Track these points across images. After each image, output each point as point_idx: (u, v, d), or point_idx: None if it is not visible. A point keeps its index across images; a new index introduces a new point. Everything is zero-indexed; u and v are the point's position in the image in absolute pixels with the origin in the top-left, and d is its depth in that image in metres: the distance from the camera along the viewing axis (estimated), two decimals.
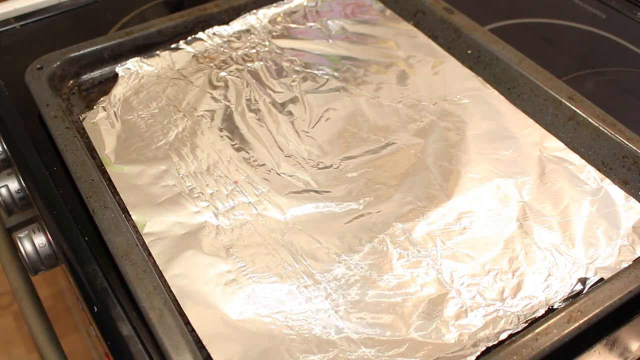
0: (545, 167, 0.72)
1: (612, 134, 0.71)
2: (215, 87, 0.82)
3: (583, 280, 0.61)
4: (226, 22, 0.90)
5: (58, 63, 0.80)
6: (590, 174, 0.71)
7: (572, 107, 0.75)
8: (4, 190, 0.73)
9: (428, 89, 0.82)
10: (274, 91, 0.82)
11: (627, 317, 0.60)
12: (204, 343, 0.56)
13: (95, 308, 0.60)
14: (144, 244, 0.64)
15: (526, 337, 0.54)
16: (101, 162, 0.71)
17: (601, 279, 0.61)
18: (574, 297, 0.60)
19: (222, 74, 0.84)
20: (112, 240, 0.60)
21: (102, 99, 0.80)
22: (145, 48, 0.86)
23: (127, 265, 0.58)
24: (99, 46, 0.83)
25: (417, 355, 0.56)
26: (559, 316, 0.56)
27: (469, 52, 0.85)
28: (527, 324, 0.57)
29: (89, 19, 0.97)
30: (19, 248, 0.69)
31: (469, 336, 0.57)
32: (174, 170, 0.71)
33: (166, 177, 0.71)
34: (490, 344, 0.56)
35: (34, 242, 0.69)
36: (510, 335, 0.56)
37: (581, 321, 0.55)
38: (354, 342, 0.57)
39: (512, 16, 1.01)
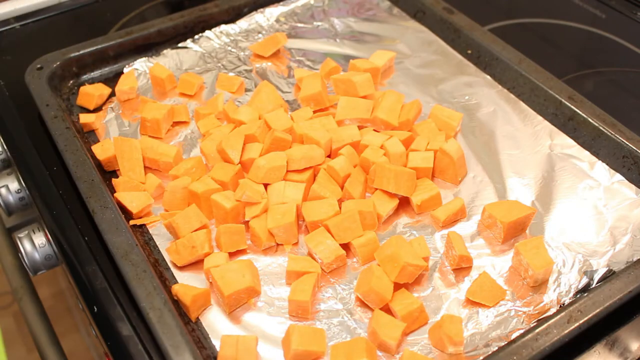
0: (555, 164, 0.72)
1: (612, 134, 0.71)
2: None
3: (591, 276, 0.61)
4: (226, 22, 0.90)
5: (58, 63, 0.80)
6: (601, 170, 0.71)
7: (572, 107, 0.75)
8: (4, 190, 0.73)
9: (436, 88, 0.82)
10: (282, 91, 0.82)
11: (627, 317, 0.60)
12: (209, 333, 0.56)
13: (95, 308, 0.60)
14: (144, 244, 0.64)
15: (526, 337, 0.54)
16: (101, 162, 0.71)
17: (611, 272, 0.61)
18: (582, 292, 0.60)
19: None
20: (112, 240, 0.60)
21: (110, 99, 0.80)
22: (145, 48, 0.86)
23: (127, 265, 0.58)
24: (99, 46, 0.83)
25: (429, 354, 0.56)
26: (559, 316, 0.56)
27: (469, 52, 0.85)
28: (538, 323, 0.57)
29: (89, 19, 0.97)
30: (19, 248, 0.69)
31: (480, 336, 0.57)
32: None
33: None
34: (502, 344, 0.56)
35: (34, 242, 0.69)
36: (518, 335, 0.56)
37: (581, 321, 0.55)
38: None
39: (512, 16, 1.01)
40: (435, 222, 0.67)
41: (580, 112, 0.74)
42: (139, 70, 0.84)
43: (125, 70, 0.83)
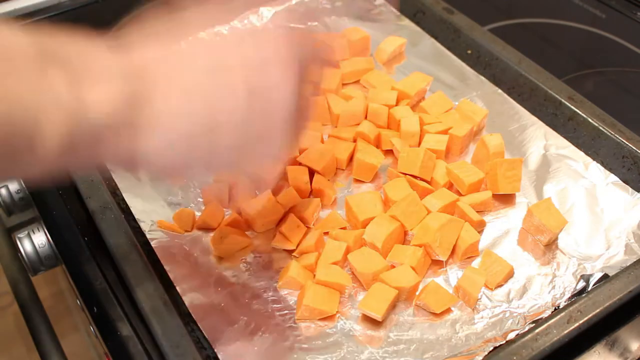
0: (550, 165, 0.72)
1: (612, 134, 0.71)
2: None
3: (587, 280, 0.61)
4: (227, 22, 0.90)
5: None
6: (595, 170, 0.71)
7: (572, 107, 0.75)
8: (4, 190, 0.73)
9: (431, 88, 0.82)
10: None
11: (627, 317, 0.60)
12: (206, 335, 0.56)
13: (95, 308, 0.60)
14: (144, 244, 0.64)
15: (526, 337, 0.54)
16: None
17: (605, 277, 0.60)
18: (579, 296, 0.60)
19: None
20: (112, 241, 0.60)
21: None
22: None
23: (127, 265, 0.58)
24: None
25: (424, 356, 0.56)
26: (559, 316, 0.56)
27: (469, 52, 0.85)
28: (533, 325, 0.57)
29: (89, 19, 0.97)
30: (19, 248, 0.68)
31: (476, 337, 0.57)
32: None
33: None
34: (497, 345, 0.56)
35: (34, 242, 0.68)
36: (517, 335, 0.56)
37: (581, 321, 0.55)
38: (361, 343, 0.57)
39: (512, 16, 1.01)
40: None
41: (580, 112, 0.74)
42: None
43: None
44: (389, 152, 0.73)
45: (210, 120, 0.42)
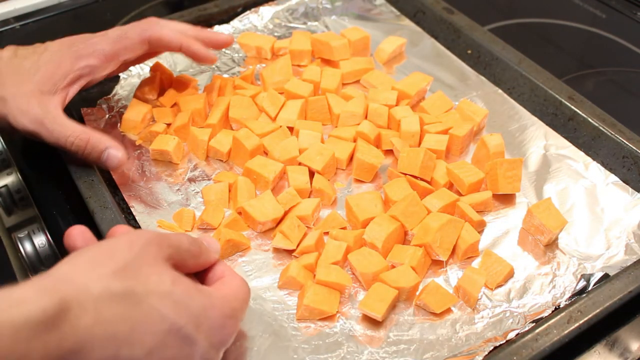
0: (550, 165, 0.72)
1: (612, 134, 0.71)
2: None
3: (588, 279, 0.61)
4: (227, 22, 0.90)
5: None
6: (595, 170, 0.71)
7: (572, 107, 0.75)
8: (4, 190, 0.73)
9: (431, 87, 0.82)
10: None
11: (627, 317, 0.60)
12: None
13: None
14: None
15: (526, 337, 0.54)
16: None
17: (606, 277, 0.61)
18: (579, 296, 0.60)
19: (225, 76, 0.84)
20: None
21: (103, 99, 0.80)
22: None
23: None
24: None
25: (424, 356, 0.56)
26: (559, 316, 0.56)
27: (469, 52, 0.85)
28: (533, 324, 0.57)
29: (89, 19, 0.97)
30: (19, 248, 0.68)
31: (476, 337, 0.57)
32: (177, 172, 0.72)
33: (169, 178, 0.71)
34: (498, 344, 0.56)
35: (34, 242, 0.68)
36: (518, 335, 0.56)
37: (581, 321, 0.55)
38: (361, 343, 0.57)
39: (512, 16, 1.01)
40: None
41: (580, 112, 0.74)
42: (132, 72, 0.83)
43: (120, 74, 0.82)
44: (389, 152, 0.73)
45: None
